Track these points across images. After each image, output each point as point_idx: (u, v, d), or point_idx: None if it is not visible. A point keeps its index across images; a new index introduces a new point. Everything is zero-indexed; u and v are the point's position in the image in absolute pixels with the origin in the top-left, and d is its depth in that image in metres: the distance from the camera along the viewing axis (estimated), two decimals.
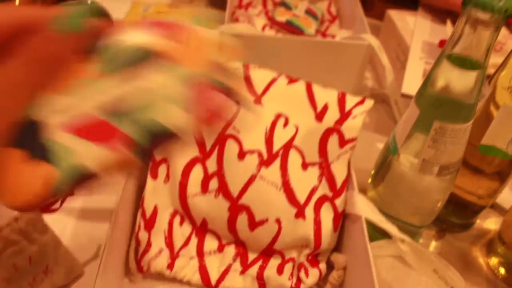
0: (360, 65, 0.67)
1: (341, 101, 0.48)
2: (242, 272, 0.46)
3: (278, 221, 0.45)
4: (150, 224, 0.46)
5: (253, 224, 0.46)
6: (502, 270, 0.51)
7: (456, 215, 0.54)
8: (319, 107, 0.48)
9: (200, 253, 0.47)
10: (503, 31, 0.64)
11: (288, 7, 0.78)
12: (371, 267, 0.39)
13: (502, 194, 0.56)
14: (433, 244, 0.54)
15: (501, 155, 0.47)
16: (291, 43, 0.66)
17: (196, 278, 0.46)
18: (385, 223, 0.44)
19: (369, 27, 0.68)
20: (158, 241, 0.46)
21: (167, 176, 0.48)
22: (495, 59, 0.61)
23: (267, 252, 0.47)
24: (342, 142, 0.47)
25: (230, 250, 0.47)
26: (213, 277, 0.46)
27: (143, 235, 0.46)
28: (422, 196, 0.46)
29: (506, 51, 0.62)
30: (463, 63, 0.39)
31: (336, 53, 0.66)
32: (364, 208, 0.44)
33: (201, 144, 0.47)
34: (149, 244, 0.46)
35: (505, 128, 0.45)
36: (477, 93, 0.40)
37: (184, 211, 0.47)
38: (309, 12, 0.78)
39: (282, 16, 0.76)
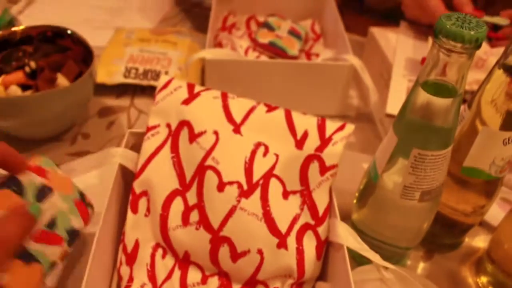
0: (344, 85, 0.67)
1: (321, 127, 0.48)
2: None
3: (260, 251, 0.45)
4: (131, 258, 0.46)
5: (235, 255, 0.45)
6: None
7: (444, 235, 0.54)
8: (299, 134, 0.48)
9: (184, 286, 0.46)
10: (484, 47, 0.64)
11: (271, 28, 0.78)
12: None
13: (490, 211, 0.56)
14: (421, 266, 0.54)
15: (485, 177, 0.47)
16: (273, 66, 0.66)
17: None
18: (367, 251, 0.44)
19: (354, 44, 0.68)
20: (140, 275, 0.46)
21: (148, 209, 0.47)
22: (477, 76, 0.62)
23: (251, 283, 0.47)
24: (323, 169, 0.47)
25: (214, 281, 0.47)
26: None
27: (124, 270, 0.46)
28: (405, 220, 0.46)
29: (488, 67, 0.62)
30: (439, 90, 0.39)
31: (319, 74, 0.66)
32: (346, 236, 0.44)
33: (181, 176, 0.47)
34: (131, 279, 0.45)
35: (487, 150, 0.45)
36: (455, 119, 0.40)
37: (166, 244, 0.47)
38: (292, 32, 0.78)
39: (264, 38, 0.76)
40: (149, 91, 0.73)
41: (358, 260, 0.50)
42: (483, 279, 0.52)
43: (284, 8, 0.84)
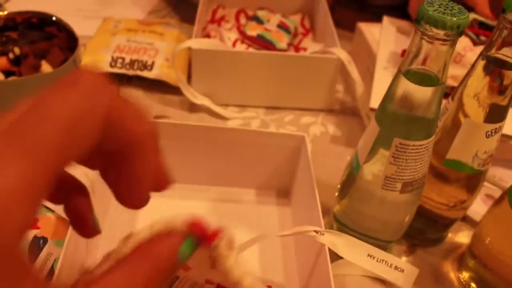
0: (331, 78, 0.67)
1: None
2: None
3: None
4: None
5: None
6: (473, 285, 0.50)
7: (427, 229, 0.54)
8: None
9: None
10: (464, 42, 0.64)
11: (259, 21, 0.77)
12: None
13: (474, 207, 0.55)
14: (404, 260, 0.53)
15: (468, 170, 0.47)
16: (260, 58, 0.65)
17: None
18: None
19: (343, 39, 0.68)
20: None
21: None
22: (455, 71, 0.61)
23: None
24: None
25: None
26: None
27: None
28: (387, 212, 0.45)
29: (465, 63, 0.62)
30: (421, 79, 0.39)
31: (306, 67, 0.66)
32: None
33: None
34: None
35: (469, 142, 0.45)
36: (437, 109, 0.40)
37: None
38: (281, 26, 0.78)
39: (253, 30, 0.75)
40: (135, 81, 0.72)
41: None
42: (465, 275, 0.51)
43: (274, 2, 0.84)
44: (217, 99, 0.68)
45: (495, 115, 0.44)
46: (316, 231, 0.42)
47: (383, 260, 0.42)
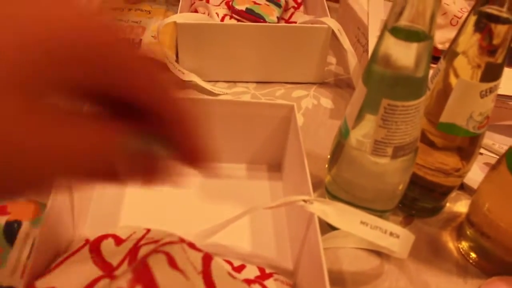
0: (321, 49, 0.65)
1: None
2: None
3: None
4: None
5: None
6: (473, 255, 0.49)
7: (423, 199, 0.52)
8: None
9: None
10: (460, 4, 0.62)
11: None
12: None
13: (473, 176, 0.53)
14: None
15: (462, 133, 0.44)
16: (247, 31, 0.63)
17: None
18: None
19: (330, 12, 0.65)
20: None
21: None
22: (452, 34, 0.59)
23: None
24: None
25: None
26: None
27: None
28: (378, 179, 0.43)
29: None
30: (408, 35, 0.37)
31: (296, 38, 0.63)
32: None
33: None
34: None
35: (463, 103, 0.43)
36: (426, 66, 0.38)
37: None
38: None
39: (241, 4, 0.73)
40: None
41: None
42: (464, 244, 0.50)
43: None
44: (206, 75, 0.66)
45: (489, 73, 0.42)
46: (304, 201, 0.40)
47: (377, 227, 0.40)
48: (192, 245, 0.36)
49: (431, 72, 0.45)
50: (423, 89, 0.39)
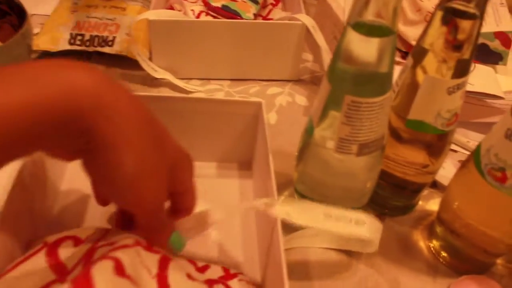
0: (296, 45, 0.64)
1: None
2: None
3: None
4: None
5: None
6: (443, 253, 0.48)
7: (395, 197, 0.51)
8: None
9: None
10: (435, 0, 0.61)
11: None
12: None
13: (445, 172, 0.53)
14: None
15: (431, 130, 0.44)
16: (220, 27, 0.62)
17: None
18: None
19: (309, 8, 0.65)
20: None
21: None
22: None
23: None
24: None
25: None
26: None
27: None
28: (344, 177, 0.43)
29: None
30: (371, 31, 0.36)
31: (270, 35, 0.63)
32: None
33: None
34: None
35: (431, 100, 0.42)
36: (390, 62, 0.37)
37: None
38: None
39: (217, 1, 0.72)
40: (95, 58, 0.69)
41: None
42: (435, 243, 0.49)
43: None
44: (179, 73, 0.65)
45: (457, 70, 0.41)
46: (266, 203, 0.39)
47: (342, 217, 0.39)
48: (148, 248, 0.35)
49: (400, 68, 0.44)
50: (387, 85, 0.38)
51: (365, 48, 0.36)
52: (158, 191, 0.34)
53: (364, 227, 0.40)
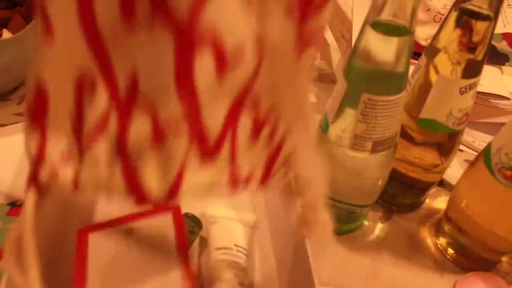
0: None
1: None
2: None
3: None
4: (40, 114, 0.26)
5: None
6: (450, 251, 0.49)
7: (403, 195, 0.52)
8: None
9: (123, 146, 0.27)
10: (444, 1, 0.62)
11: None
12: None
13: (452, 172, 0.54)
14: (379, 226, 0.52)
15: (442, 129, 0.45)
16: None
17: None
18: None
19: None
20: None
21: None
22: (435, 31, 0.59)
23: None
24: None
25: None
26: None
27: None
28: (357, 174, 0.43)
29: None
30: (389, 30, 0.36)
31: None
32: None
33: None
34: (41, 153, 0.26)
35: (443, 99, 0.43)
36: (406, 62, 0.38)
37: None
38: None
39: None
40: None
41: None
42: (442, 240, 0.50)
43: None
44: None
45: (469, 70, 0.42)
46: None
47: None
48: None
49: (412, 68, 0.45)
50: (403, 84, 0.39)
51: (383, 47, 0.37)
52: None
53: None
